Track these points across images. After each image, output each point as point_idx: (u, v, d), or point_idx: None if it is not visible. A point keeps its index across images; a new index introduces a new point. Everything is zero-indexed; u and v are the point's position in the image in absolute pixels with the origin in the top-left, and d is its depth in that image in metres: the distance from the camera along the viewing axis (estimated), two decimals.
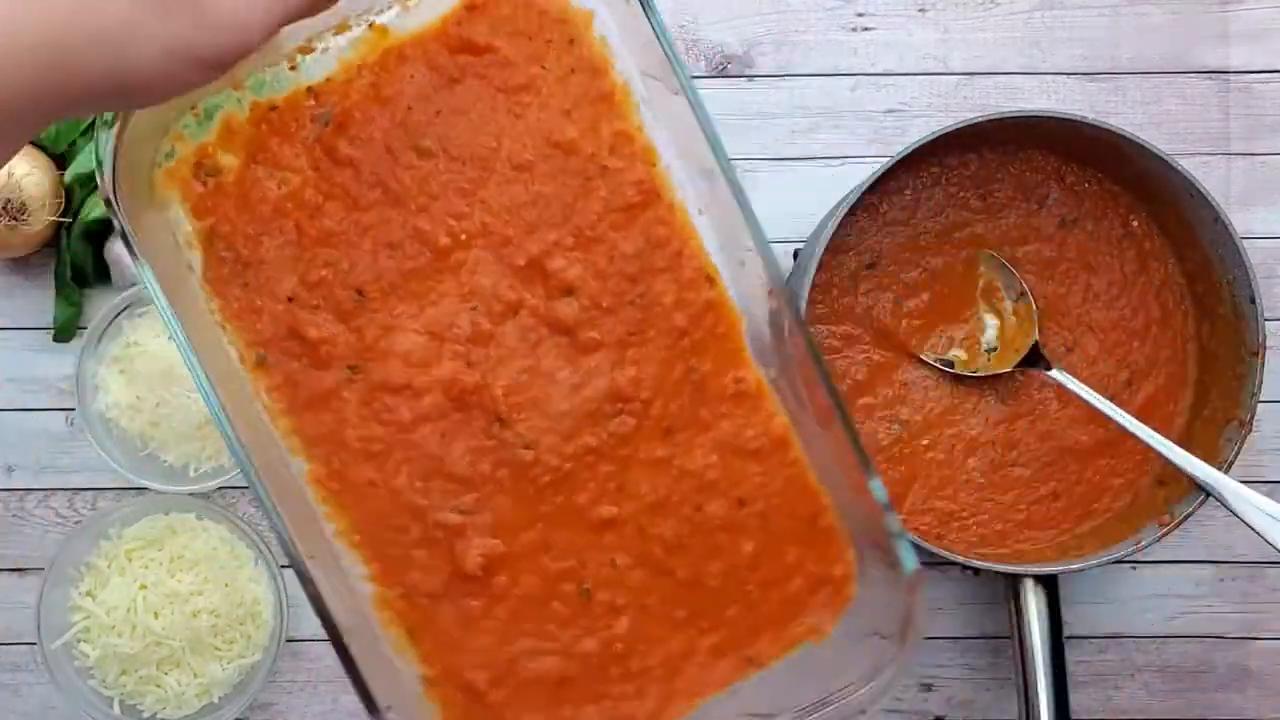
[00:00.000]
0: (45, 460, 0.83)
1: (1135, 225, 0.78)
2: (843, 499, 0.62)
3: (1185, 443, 0.74)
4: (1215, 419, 0.74)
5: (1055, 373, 0.74)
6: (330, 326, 0.61)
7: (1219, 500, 0.69)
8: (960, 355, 0.78)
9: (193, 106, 0.60)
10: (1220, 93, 0.84)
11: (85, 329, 0.82)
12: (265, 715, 0.83)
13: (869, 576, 0.62)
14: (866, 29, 0.84)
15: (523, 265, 0.61)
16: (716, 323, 0.63)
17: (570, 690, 0.61)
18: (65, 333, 0.82)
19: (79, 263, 0.81)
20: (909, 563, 0.56)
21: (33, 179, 0.77)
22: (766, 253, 0.57)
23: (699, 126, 0.56)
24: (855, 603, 0.63)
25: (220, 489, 0.83)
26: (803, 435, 0.63)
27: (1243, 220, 0.83)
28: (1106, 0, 0.84)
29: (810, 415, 0.60)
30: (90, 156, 0.79)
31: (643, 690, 0.62)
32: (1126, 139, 0.71)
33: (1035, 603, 0.72)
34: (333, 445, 0.60)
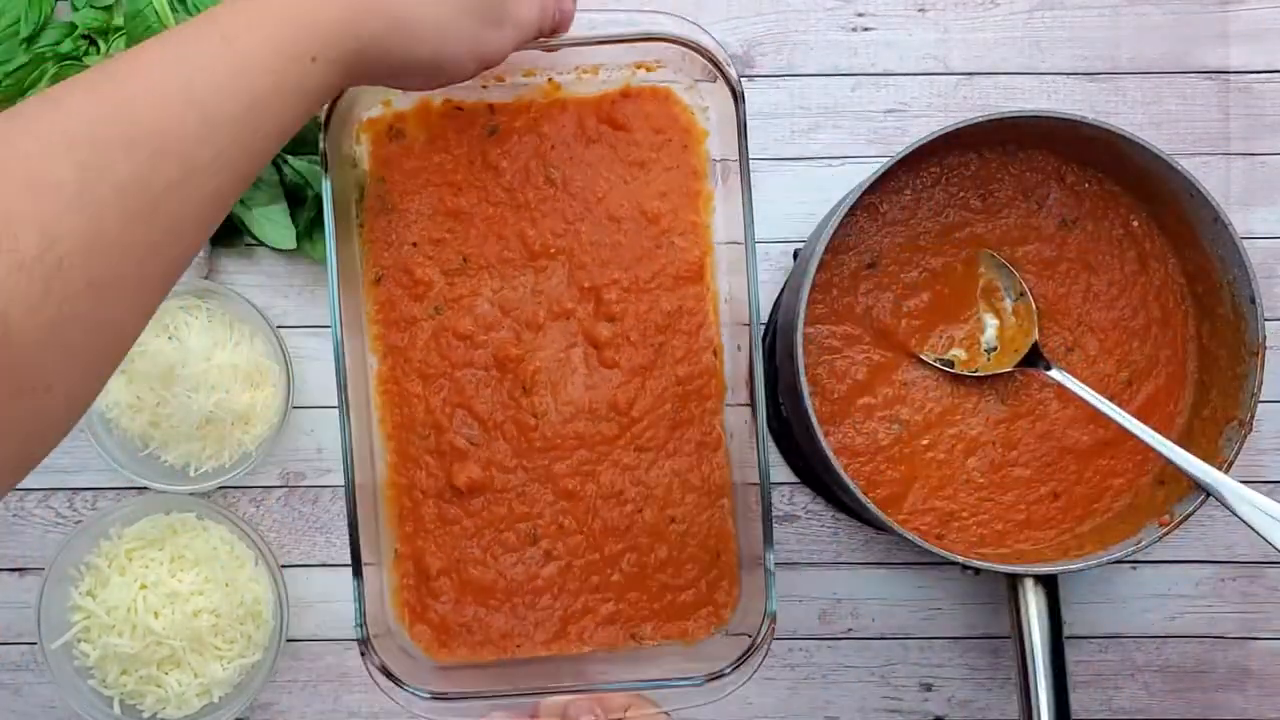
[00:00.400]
0: (46, 460, 0.83)
1: (1135, 225, 0.78)
2: (749, 547, 0.76)
3: (1185, 443, 0.74)
4: (1215, 419, 0.74)
5: (1055, 372, 0.74)
6: (433, 274, 0.77)
7: (1219, 500, 0.69)
8: (960, 355, 0.78)
9: None
10: (1220, 93, 0.84)
11: None
12: (265, 715, 0.83)
13: (747, 609, 0.75)
14: (866, 29, 0.84)
15: (586, 287, 0.77)
16: (706, 385, 0.78)
17: (491, 597, 0.77)
18: None
19: None
20: (771, 604, 0.71)
21: None
22: (756, 350, 0.71)
23: (743, 226, 0.71)
24: (725, 627, 0.77)
25: (220, 489, 0.83)
26: (739, 489, 0.77)
27: (1243, 220, 0.83)
28: (1106, 0, 0.84)
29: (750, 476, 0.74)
30: None
31: (542, 621, 0.77)
32: (1126, 139, 0.71)
33: (1035, 602, 0.72)
34: (401, 357, 0.77)
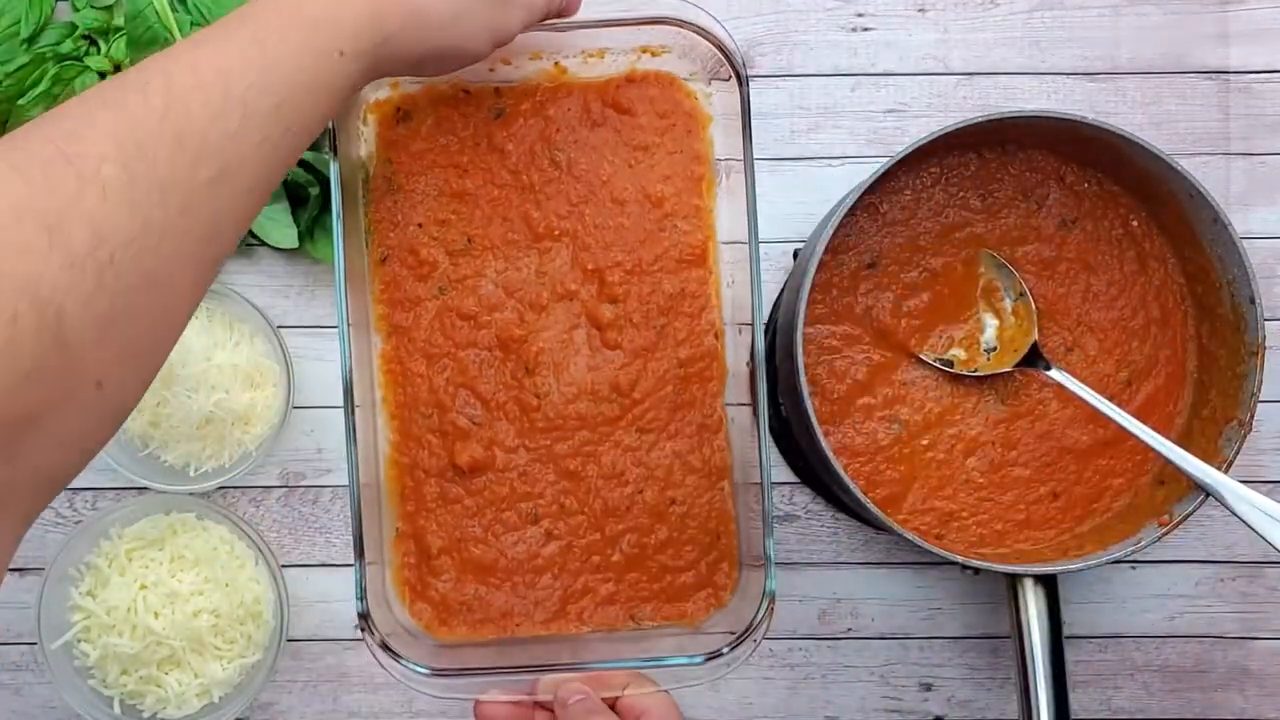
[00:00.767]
0: None
1: (1135, 225, 0.78)
2: (748, 529, 0.77)
3: (1185, 443, 0.74)
4: (1215, 419, 0.74)
5: (1055, 372, 0.74)
6: (438, 254, 0.78)
7: (1219, 500, 0.69)
8: (960, 355, 0.78)
9: None
10: (1220, 93, 0.84)
11: None
12: (265, 715, 0.83)
13: (746, 593, 0.75)
14: (866, 29, 0.84)
15: (589, 269, 0.78)
16: (708, 367, 0.78)
17: (492, 576, 0.77)
18: None
19: None
20: (770, 583, 0.71)
21: None
22: (758, 332, 0.71)
23: (746, 214, 0.72)
24: (725, 610, 0.77)
25: (220, 489, 0.83)
26: (740, 472, 0.78)
27: (1243, 220, 0.83)
28: (1106, 0, 0.84)
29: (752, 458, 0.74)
30: None
31: (542, 601, 0.77)
32: (1126, 139, 0.71)
33: (1035, 602, 0.72)
34: (405, 337, 0.78)
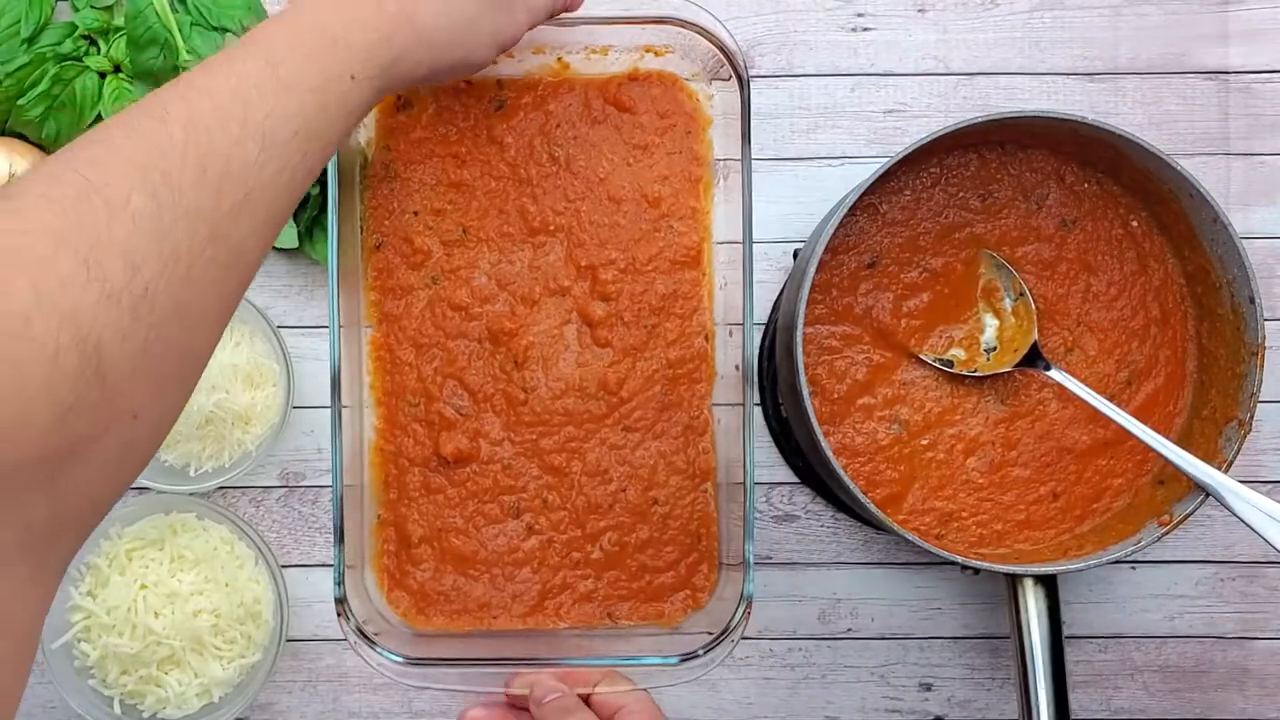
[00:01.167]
0: None
1: (1135, 225, 0.78)
2: (730, 531, 0.77)
3: (1185, 443, 0.74)
4: (1215, 419, 0.74)
5: (1054, 372, 0.74)
6: (433, 243, 0.79)
7: (1219, 500, 0.69)
8: (960, 355, 0.78)
9: None
10: (1220, 93, 0.84)
11: None
12: (265, 715, 0.83)
13: (723, 597, 0.76)
14: (866, 29, 0.84)
15: (583, 265, 0.78)
16: (697, 369, 0.79)
17: (471, 567, 0.78)
18: None
19: None
20: (747, 589, 0.72)
21: None
22: (748, 336, 0.72)
23: (741, 215, 0.72)
24: (702, 612, 0.77)
25: (220, 489, 0.83)
26: (725, 474, 0.78)
27: (1243, 220, 0.83)
28: (1106, 0, 0.84)
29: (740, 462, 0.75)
30: None
31: (520, 595, 0.78)
32: (1126, 139, 0.71)
33: (1035, 602, 0.72)
34: (395, 324, 0.79)
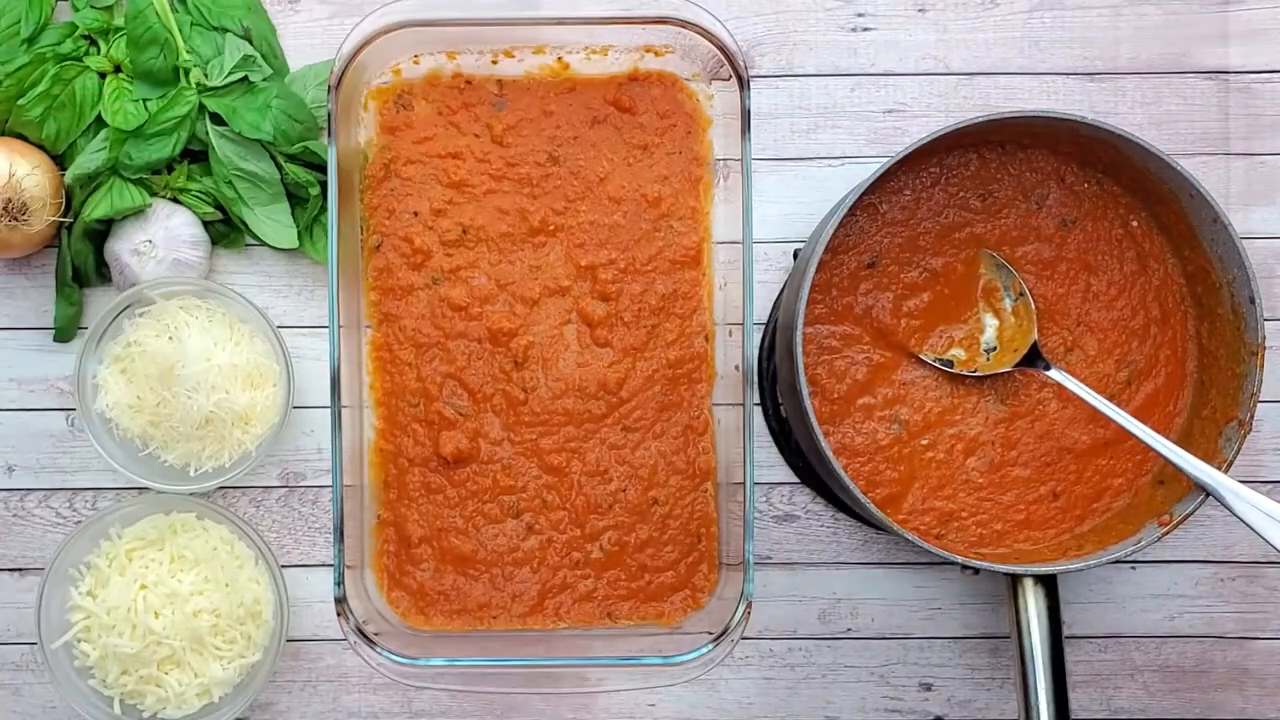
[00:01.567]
0: (46, 460, 0.83)
1: (1135, 225, 0.78)
2: (730, 531, 0.77)
3: (1185, 443, 0.74)
4: (1215, 419, 0.74)
5: (1054, 372, 0.74)
6: (432, 243, 0.79)
7: (1219, 500, 0.69)
8: (959, 355, 0.78)
9: (414, 55, 0.79)
10: (1220, 93, 0.84)
11: (85, 329, 0.83)
12: (265, 715, 0.83)
13: (724, 596, 0.76)
14: (866, 29, 0.84)
15: (582, 266, 0.79)
16: (697, 369, 0.80)
17: (471, 567, 0.78)
18: (65, 333, 0.82)
19: (79, 263, 0.81)
20: (748, 589, 0.72)
21: (33, 179, 0.77)
22: (748, 335, 0.72)
23: (741, 215, 0.73)
24: (702, 611, 0.78)
25: (220, 489, 0.83)
26: (725, 473, 0.78)
27: (1243, 220, 0.83)
28: (1106, 0, 0.84)
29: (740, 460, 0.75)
30: (90, 157, 0.79)
31: (520, 594, 0.78)
32: (1126, 139, 0.71)
33: (1035, 602, 0.72)
34: (395, 325, 0.79)
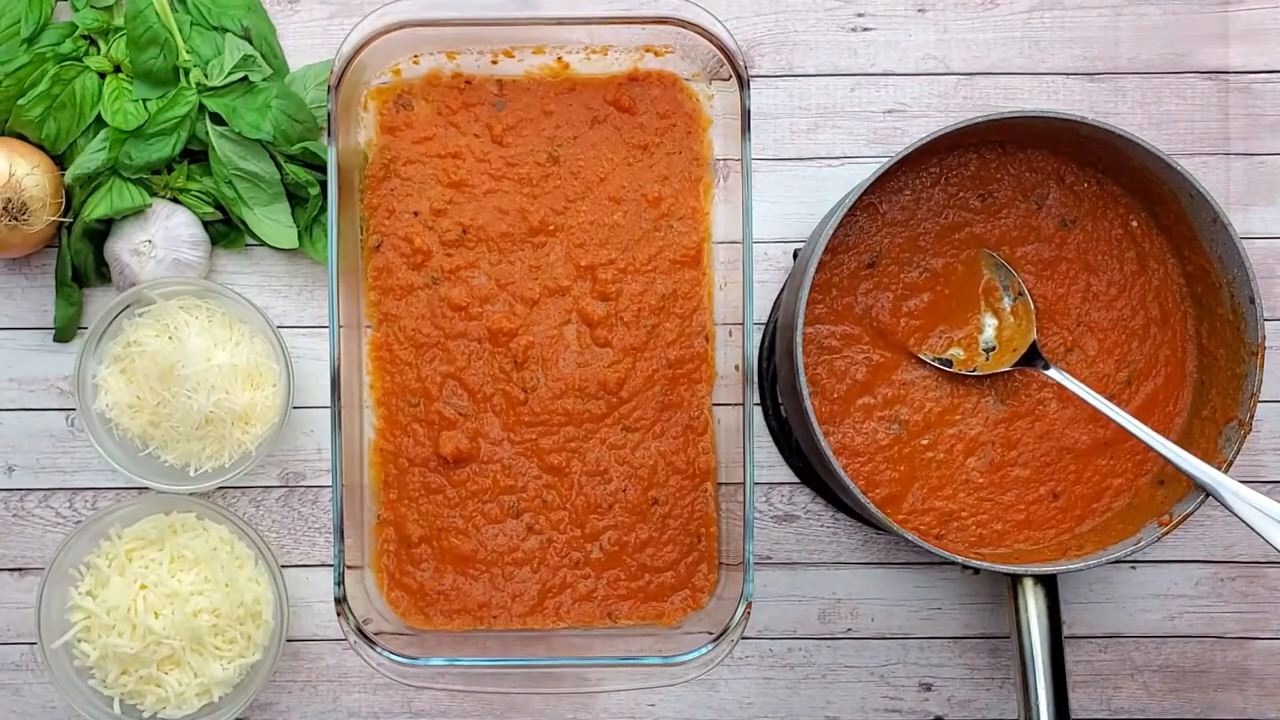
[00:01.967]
0: (46, 460, 0.83)
1: (1135, 225, 0.78)
2: (731, 531, 0.77)
3: (1185, 443, 0.74)
4: (1215, 419, 0.74)
5: (1053, 372, 0.74)
6: (432, 243, 0.80)
7: (1218, 500, 0.69)
8: (959, 355, 0.78)
9: (414, 55, 0.79)
10: (1220, 93, 0.84)
11: (85, 329, 0.83)
12: (265, 715, 0.83)
13: (722, 597, 0.77)
14: (866, 29, 0.84)
15: (582, 266, 0.79)
16: (697, 370, 0.80)
17: (471, 567, 0.78)
18: (65, 333, 0.82)
19: (79, 263, 0.81)
20: (748, 590, 0.73)
21: (33, 179, 0.77)
22: (748, 335, 0.72)
23: (741, 216, 0.73)
24: (702, 612, 0.78)
25: (220, 489, 0.83)
26: (725, 474, 0.78)
27: (1243, 220, 0.83)
28: (1106, 0, 0.84)
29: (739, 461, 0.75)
30: (90, 157, 0.79)
31: (520, 594, 0.78)
32: (1126, 139, 0.71)
33: (1035, 602, 0.72)
34: (395, 325, 0.80)
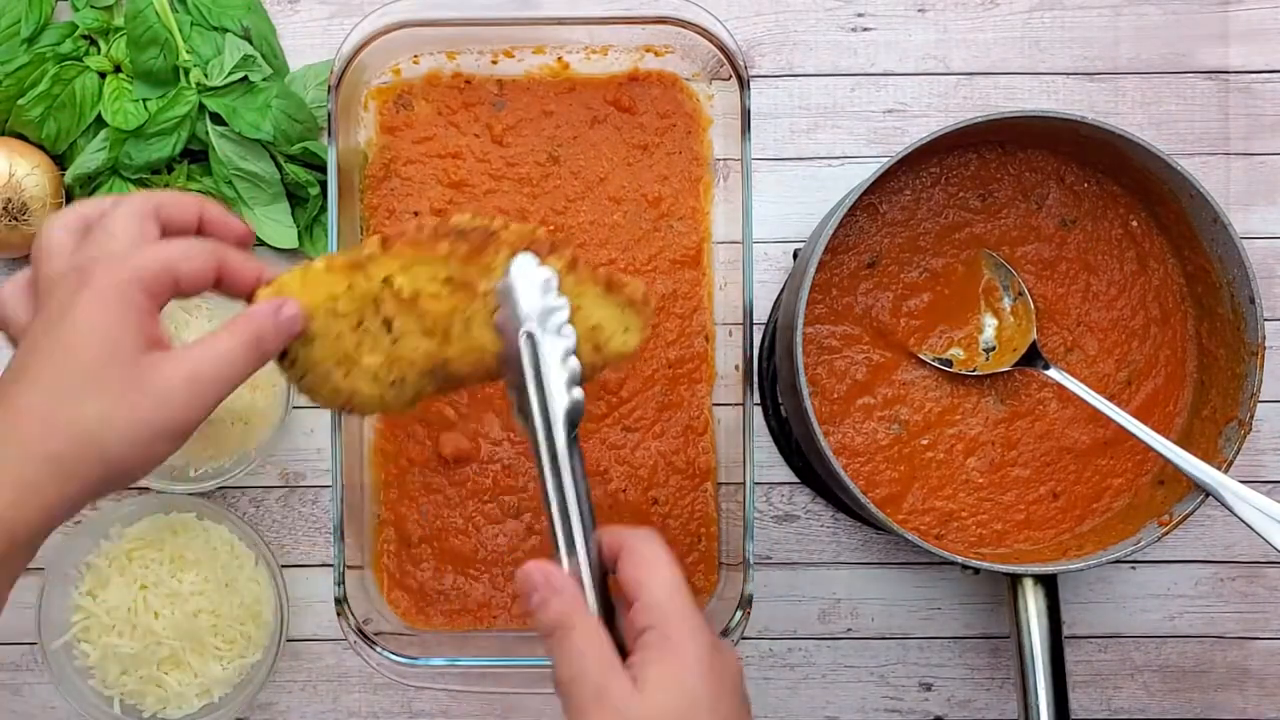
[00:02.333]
0: None
1: (1135, 225, 0.78)
2: (731, 531, 0.77)
3: (1185, 443, 0.74)
4: (1215, 419, 0.74)
5: (1053, 372, 0.75)
6: None
7: (1218, 500, 0.69)
8: (958, 354, 0.78)
9: (414, 55, 0.79)
10: (1220, 93, 0.84)
11: None
12: (265, 715, 0.83)
13: (722, 597, 0.76)
14: (866, 29, 0.84)
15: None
16: (697, 370, 0.79)
17: (471, 567, 0.79)
18: None
19: None
20: (748, 589, 0.72)
21: (33, 179, 0.77)
22: (748, 336, 0.72)
23: (741, 215, 0.73)
24: (705, 612, 0.76)
25: (220, 489, 0.83)
26: (726, 474, 0.78)
27: (1243, 220, 0.83)
28: (1106, 0, 0.84)
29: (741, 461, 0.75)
30: (90, 157, 0.79)
31: (519, 592, 0.76)
32: (1126, 139, 0.71)
33: (1035, 602, 0.72)
34: None
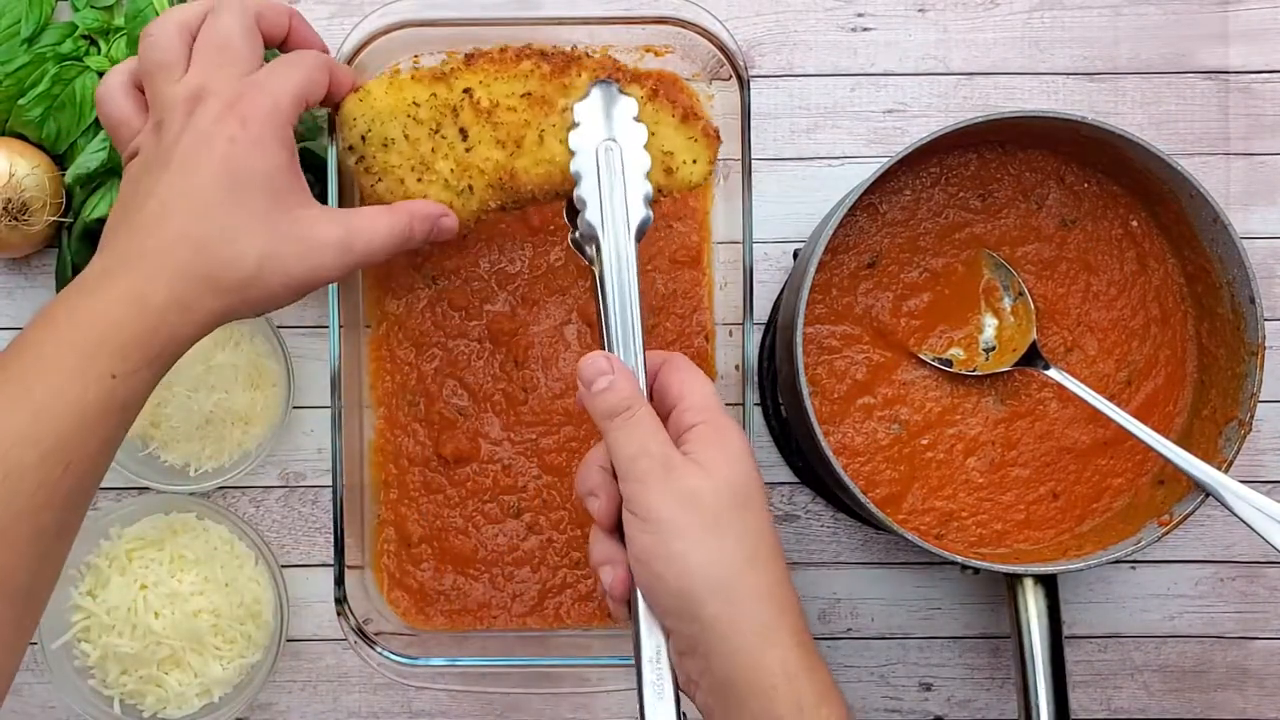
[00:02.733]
0: None
1: (1135, 225, 0.78)
2: None
3: (1185, 443, 0.74)
4: (1215, 419, 0.74)
5: (1053, 372, 0.75)
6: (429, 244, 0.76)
7: (1219, 500, 0.69)
8: (958, 354, 0.78)
9: (414, 55, 0.77)
10: (1220, 93, 0.84)
11: None
12: (265, 715, 0.83)
13: None
14: (866, 29, 0.84)
15: (583, 265, 0.75)
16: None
17: (471, 566, 0.79)
18: None
19: (80, 263, 0.81)
20: None
21: (33, 179, 0.77)
22: (748, 335, 0.72)
23: (742, 218, 0.73)
24: None
25: (220, 489, 0.83)
26: None
27: (1243, 220, 0.83)
28: (1106, 0, 0.84)
29: None
30: (90, 157, 0.79)
31: (520, 594, 0.79)
32: (1126, 139, 0.71)
33: (1035, 602, 0.72)
34: (395, 324, 0.79)
